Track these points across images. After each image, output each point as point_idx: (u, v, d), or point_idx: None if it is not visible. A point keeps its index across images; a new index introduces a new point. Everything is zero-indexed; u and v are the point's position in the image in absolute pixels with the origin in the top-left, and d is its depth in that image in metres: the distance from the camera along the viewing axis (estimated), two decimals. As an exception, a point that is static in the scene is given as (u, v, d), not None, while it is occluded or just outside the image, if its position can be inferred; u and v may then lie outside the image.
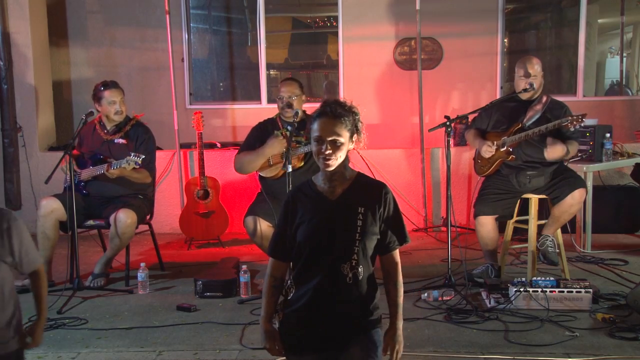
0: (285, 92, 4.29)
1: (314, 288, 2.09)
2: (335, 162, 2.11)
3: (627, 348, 3.11)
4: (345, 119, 2.12)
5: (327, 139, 2.09)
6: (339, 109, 2.12)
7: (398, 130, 6.85)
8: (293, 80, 4.38)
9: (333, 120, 2.10)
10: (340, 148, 2.11)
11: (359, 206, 2.11)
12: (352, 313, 2.11)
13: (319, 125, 2.11)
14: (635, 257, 4.84)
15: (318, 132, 2.10)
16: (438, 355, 3.08)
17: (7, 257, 2.17)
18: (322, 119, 2.11)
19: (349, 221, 2.09)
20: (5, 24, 6.12)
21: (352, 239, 2.08)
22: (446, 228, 4.19)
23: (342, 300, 2.09)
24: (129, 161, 4.14)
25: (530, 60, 4.18)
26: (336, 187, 2.16)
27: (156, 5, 6.81)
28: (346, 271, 2.07)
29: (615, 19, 8.06)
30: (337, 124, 2.10)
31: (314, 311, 2.10)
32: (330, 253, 2.08)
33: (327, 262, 2.08)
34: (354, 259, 2.07)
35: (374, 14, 6.88)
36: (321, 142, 2.10)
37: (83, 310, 3.85)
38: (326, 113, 2.11)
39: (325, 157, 2.09)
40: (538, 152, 4.10)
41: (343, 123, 2.11)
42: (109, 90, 4.41)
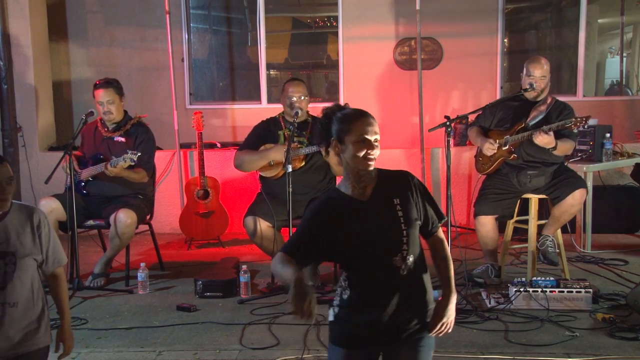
0: (295, 93, 4.27)
1: (371, 287, 2.07)
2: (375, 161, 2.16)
3: (627, 348, 3.11)
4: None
5: (371, 138, 2.13)
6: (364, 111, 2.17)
7: (398, 130, 6.84)
8: (300, 81, 4.38)
9: (372, 119, 2.16)
10: (378, 147, 2.16)
11: (394, 198, 2.12)
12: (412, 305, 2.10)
13: (361, 125, 2.13)
14: (635, 257, 4.84)
15: (363, 133, 2.12)
16: (438, 355, 3.07)
17: (38, 254, 2.20)
18: (362, 119, 2.14)
19: (390, 215, 2.09)
20: (5, 24, 6.12)
21: (399, 231, 2.07)
22: (446, 228, 4.19)
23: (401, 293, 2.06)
24: (125, 158, 4.14)
25: (536, 60, 4.16)
26: (366, 187, 2.15)
27: (156, 5, 6.81)
28: (399, 263, 2.05)
29: (615, 19, 8.06)
30: (374, 123, 2.16)
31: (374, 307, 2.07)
32: (381, 251, 2.06)
33: (379, 261, 2.06)
34: (404, 249, 2.06)
35: (374, 14, 6.88)
36: (367, 142, 2.13)
37: (83, 310, 3.85)
38: (364, 113, 2.16)
39: (370, 158, 2.13)
40: (539, 152, 4.09)
41: (376, 123, 2.17)
42: (97, 90, 4.41)
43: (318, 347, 3.17)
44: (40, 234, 2.19)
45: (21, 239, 2.14)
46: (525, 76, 4.18)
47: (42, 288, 2.30)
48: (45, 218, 2.24)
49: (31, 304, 2.20)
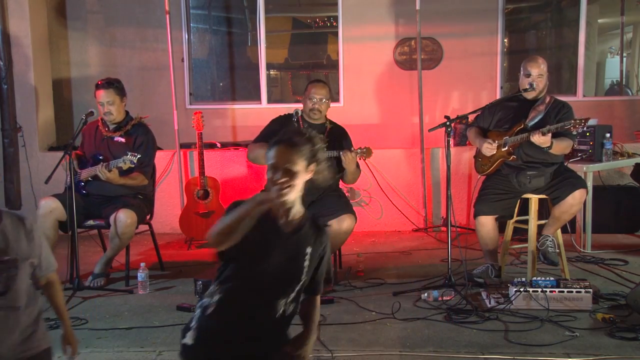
0: (317, 95, 4.25)
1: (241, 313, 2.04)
2: (289, 192, 2.04)
3: (627, 348, 3.11)
4: (302, 147, 2.07)
5: (282, 166, 2.03)
6: (296, 138, 2.08)
7: (398, 130, 6.85)
8: (324, 84, 4.37)
9: (289, 148, 2.05)
10: (295, 177, 2.03)
11: (308, 246, 2.09)
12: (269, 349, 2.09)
13: (275, 152, 2.06)
14: (635, 257, 4.84)
15: (273, 160, 2.05)
16: (438, 355, 3.08)
17: (34, 258, 2.20)
18: (278, 147, 2.06)
19: (297, 259, 2.06)
20: (5, 24, 6.12)
21: (297, 280, 2.06)
22: (446, 228, 4.19)
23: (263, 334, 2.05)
24: (125, 160, 4.14)
25: (533, 60, 4.17)
26: (289, 221, 2.09)
27: (156, 5, 6.81)
28: (280, 307, 2.03)
29: (615, 19, 8.06)
30: (292, 152, 2.05)
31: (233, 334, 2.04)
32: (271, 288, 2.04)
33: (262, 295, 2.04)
34: (291, 297, 2.06)
35: (374, 14, 6.88)
36: (276, 169, 2.04)
37: (83, 310, 3.84)
38: (283, 141, 2.07)
39: (280, 186, 2.02)
40: (539, 153, 4.09)
41: (299, 152, 2.05)
42: (98, 91, 4.41)
43: (318, 347, 3.17)
44: (33, 238, 2.19)
45: (19, 243, 2.14)
46: (523, 76, 4.18)
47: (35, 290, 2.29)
48: (36, 223, 2.28)
49: (29, 306, 2.21)
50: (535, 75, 4.11)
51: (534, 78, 4.12)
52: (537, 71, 4.12)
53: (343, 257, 4.71)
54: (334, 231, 4.09)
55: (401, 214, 6.03)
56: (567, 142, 4.06)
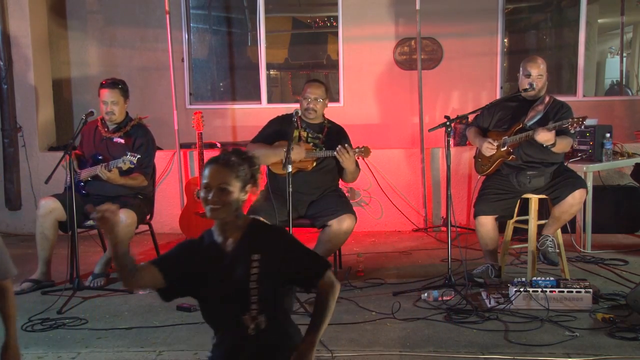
0: (311, 94, 4.25)
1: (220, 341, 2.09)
2: (222, 211, 2.05)
3: (627, 348, 3.11)
4: (238, 167, 2.07)
5: (214, 186, 2.03)
6: (232, 157, 2.07)
7: (398, 130, 6.84)
8: (320, 83, 4.36)
9: (223, 168, 2.05)
10: (228, 197, 2.04)
11: (253, 253, 2.05)
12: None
13: (208, 171, 2.06)
14: (635, 257, 4.84)
15: (206, 179, 2.05)
16: (438, 355, 3.08)
17: None
18: (212, 166, 2.06)
19: (243, 272, 2.04)
20: (5, 24, 6.12)
21: (247, 290, 2.02)
22: (446, 228, 4.19)
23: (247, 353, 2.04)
24: (125, 160, 4.14)
25: (533, 59, 4.17)
26: (228, 237, 2.11)
27: (156, 5, 6.81)
28: (247, 322, 2.02)
29: (615, 19, 8.06)
30: (226, 172, 2.05)
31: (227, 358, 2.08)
32: (229, 307, 2.04)
33: (226, 317, 2.05)
34: (253, 309, 2.02)
35: (374, 14, 6.88)
36: (208, 189, 2.04)
37: (83, 310, 3.85)
38: (217, 160, 2.07)
39: (211, 205, 2.04)
40: (538, 152, 4.10)
41: (234, 172, 2.05)
42: (103, 90, 4.41)
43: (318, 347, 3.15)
44: None
45: None
46: (523, 76, 4.18)
47: None
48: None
49: None
50: (535, 75, 4.12)
51: (534, 78, 4.12)
52: (536, 71, 4.12)
53: (343, 257, 4.71)
54: (334, 231, 4.09)
55: (401, 214, 6.03)
56: (568, 141, 4.07)
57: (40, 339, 3.38)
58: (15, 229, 6.33)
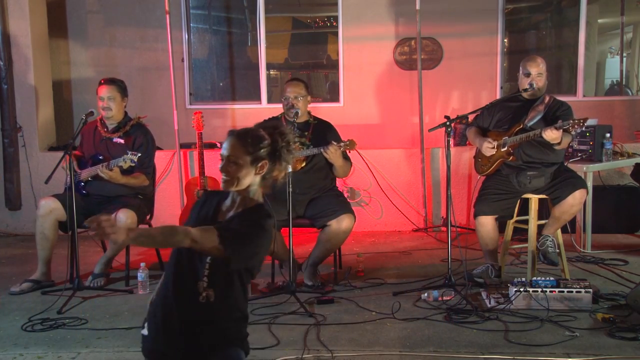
0: (290, 93, 4.26)
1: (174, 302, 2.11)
2: (229, 183, 2.11)
3: (627, 348, 3.11)
4: (252, 144, 2.11)
5: (225, 157, 2.11)
6: (250, 132, 2.14)
7: (398, 130, 6.84)
8: (299, 81, 4.36)
9: (236, 141, 2.12)
10: (238, 169, 2.10)
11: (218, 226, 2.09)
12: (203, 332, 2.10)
13: (226, 142, 2.15)
14: (635, 257, 4.84)
15: (222, 149, 2.16)
16: (438, 355, 3.08)
17: None
18: (229, 138, 2.15)
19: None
20: (5, 24, 6.12)
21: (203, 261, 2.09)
22: (446, 228, 4.19)
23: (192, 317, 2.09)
24: (125, 159, 4.14)
25: (532, 59, 4.18)
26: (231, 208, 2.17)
27: (156, 5, 6.81)
28: (200, 289, 2.08)
29: (615, 19, 8.05)
30: (238, 146, 2.11)
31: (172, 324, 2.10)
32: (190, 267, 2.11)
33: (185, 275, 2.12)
34: (205, 281, 2.08)
35: (374, 14, 6.88)
36: (222, 158, 2.14)
37: (83, 310, 3.84)
38: (234, 133, 2.15)
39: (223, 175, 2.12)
40: (539, 153, 4.10)
41: (245, 147, 2.11)
42: (100, 86, 4.43)
43: (318, 347, 3.17)
44: None
45: None
46: (523, 75, 4.18)
47: None
48: None
49: None
50: (534, 74, 4.12)
51: (533, 77, 4.12)
52: (536, 70, 4.12)
53: (343, 257, 4.72)
54: (334, 231, 4.09)
55: (401, 214, 6.03)
56: (568, 139, 4.08)
57: (40, 339, 3.38)
58: (15, 229, 6.33)
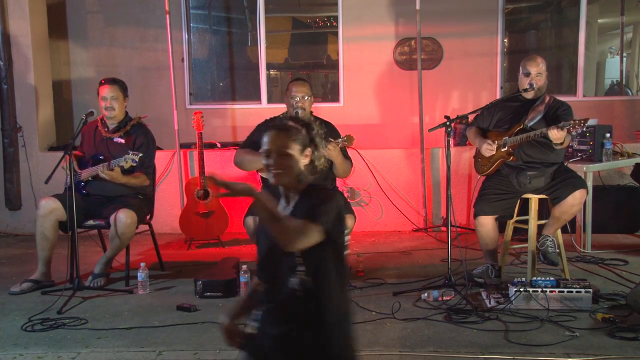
0: (298, 93, 4.25)
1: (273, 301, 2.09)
2: (284, 176, 2.06)
3: (627, 348, 3.11)
4: (296, 131, 2.09)
5: (274, 151, 2.06)
6: (289, 122, 2.11)
7: (398, 130, 6.84)
8: (304, 81, 4.36)
9: (280, 132, 2.08)
10: (289, 161, 2.05)
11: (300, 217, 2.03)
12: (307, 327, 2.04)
13: (268, 138, 2.09)
14: (635, 257, 4.84)
15: (266, 145, 2.08)
16: (438, 355, 3.08)
17: None
18: (270, 132, 2.10)
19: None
20: (5, 24, 6.12)
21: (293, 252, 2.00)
22: (446, 228, 4.19)
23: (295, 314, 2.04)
24: (127, 159, 4.14)
25: (532, 58, 4.18)
26: (290, 201, 2.12)
27: (156, 5, 6.81)
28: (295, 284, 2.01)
29: (615, 19, 8.06)
30: (284, 136, 2.07)
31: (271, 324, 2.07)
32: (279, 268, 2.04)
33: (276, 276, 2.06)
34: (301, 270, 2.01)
35: (374, 14, 6.88)
36: (269, 155, 2.07)
37: (83, 310, 3.85)
38: (275, 127, 2.11)
39: (274, 170, 2.06)
40: (539, 153, 4.10)
41: (291, 135, 2.08)
42: (102, 86, 4.43)
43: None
44: None
45: None
46: (523, 75, 4.18)
47: None
48: None
49: None
50: (534, 73, 4.12)
51: (533, 77, 4.12)
52: (536, 70, 4.12)
53: (343, 257, 4.71)
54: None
55: (401, 214, 6.03)
56: (568, 139, 4.08)
57: (40, 339, 3.38)
58: (15, 229, 6.33)
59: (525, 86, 4.14)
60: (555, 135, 3.85)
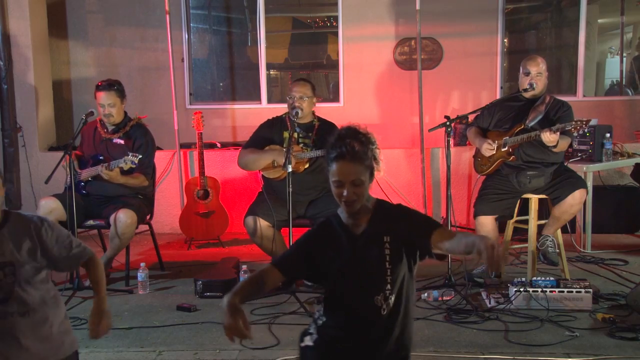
0: (296, 92, 4.25)
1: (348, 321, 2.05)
2: (357, 203, 2.04)
3: (627, 348, 3.12)
4: (364, 157, 2.04)
5: (347, 182, 2.01)
6: (357, 148, 2.03)
7: (398, 130, 6.85)
8: (305, 81, 4.35)
9: (352, 162, 2.02)
10: (362, 188, 2.03)
11: (385, 235, 2.04)
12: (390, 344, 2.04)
13: (338, 168, 2.02)
14: (635, 257, 4.84)
15: (337, 177, 2.03)
16: (438, 355, 3.08)
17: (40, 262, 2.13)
18: (340, 162, 2.02)
19: (377, 253, 2.03)
20: (5, 24, 6.12)
21: (383, 270, 2.01)
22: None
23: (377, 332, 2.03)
24: (126, 161, 4.14)
25: (532, 58, 4.18)
26: (359, 219, 2.09)
27: (156, 5, 6.81)
28: (380, 303, 2.00)
29: (615, 19, 8.06)
30: (356, 165, 2.02)
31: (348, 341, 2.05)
32: (363, 288, 2.02)
33: (359, 298, 2.02)
34: (387, 289, 2.00)
35: (374, 14, 6.88)
36: (341, 185, 2.02)
37: (83, 310, 3.84)
38: (343, 155, 2.02)
39: (346, 201, 2.03)
40: (538, 153, 4.10)
41: (362, 163, 2.03)
42: (99, 92, 4.40)
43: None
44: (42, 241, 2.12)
45: (19, 248, 2.07)
46: (523, 74, 4.18)
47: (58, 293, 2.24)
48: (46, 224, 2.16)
49: (45, 311, 2.13)
50: (534, 73, 4.12)
51: (533, 76, 4.12)
52: (536, 69, 4.12)
53: (343, 257, 4.70)
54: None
55: (401, 214, 6.01)
56: (568, 141, 4.09)
57: (40, 339, 3.38)
58: (15, 229, 6.32)
59: (525, 86, 4.14)
60: (548, 138, 3.86)
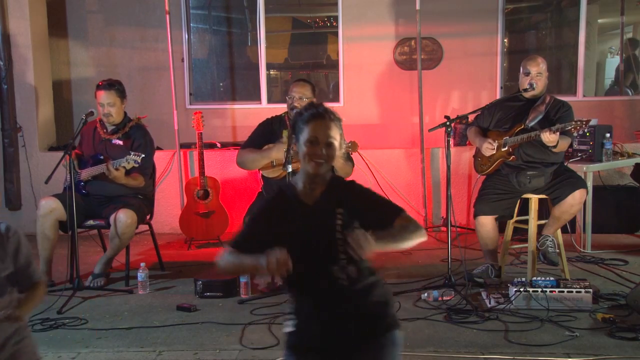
0: (296, 93, 4.25)
1: (312, 294, 2.06)
2: (326, 165, 2.06)
3: (627, 348, 3.11)
4: (338, 122, 2.10)
5: (322, 141, 2.05)
6: (332, 112, 2.09)
7: (398, 130, 6.85)
8: (306, 82, 4.36)
9: (329, 122, 2.07)
10: (333, 149, 2.06)
11: (337, 207, 2.05)
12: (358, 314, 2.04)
13: (315, 127, 2.06)
14: (635, 257, 4.84)
15: (313, 133, 2.05)
16: (438, 355, 3.08)
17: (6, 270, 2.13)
18: (319, 121, 2.06)
19: (329, 223, 2.03)
20: (5, 24, 6.12)
21: (334, 239, 2.01)
22: (446, 228, 4.19)
23: (344, 302, 2.03)
24: (129, 160, 4.15)
25: (533, 58, 4.18)
26: (315, 190, 2.10)
27: (156, 5, 6.81)
28: (338, 273, 2.01)
29: (615, 19, 8.05)
30: (332, 126, 2.07)
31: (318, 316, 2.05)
32: (317, 259, 2.02)
33: (316, 270, 2.02)
34: (342, 259, 2.00)
35: (374, 14, 6.88)
36: (316, 143, 2.05)
37: (83, 310, 3.85)
38: (322, 115, 2.07)
39: (319, 160, 2.04)
40: (539, 152, 4.10)
41: (337, 126, 2.08)
42: (99, 92, 4.41)
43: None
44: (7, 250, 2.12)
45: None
46: (523, 74, 4.18)
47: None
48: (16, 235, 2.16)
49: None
50: (534, 73, 4.12)
51: (533, 76, 4.12)
52: (536, 69, 4.12)
53: (343, 257, 4.70)
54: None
55: (401, 214, 6.01)
56: (568, 141, 4.09)
57: (40, 339, 3.37)
58: (15, 229, 6.32)
59: (526, 86, 4.15)
60: (548, 138, 3.86)
